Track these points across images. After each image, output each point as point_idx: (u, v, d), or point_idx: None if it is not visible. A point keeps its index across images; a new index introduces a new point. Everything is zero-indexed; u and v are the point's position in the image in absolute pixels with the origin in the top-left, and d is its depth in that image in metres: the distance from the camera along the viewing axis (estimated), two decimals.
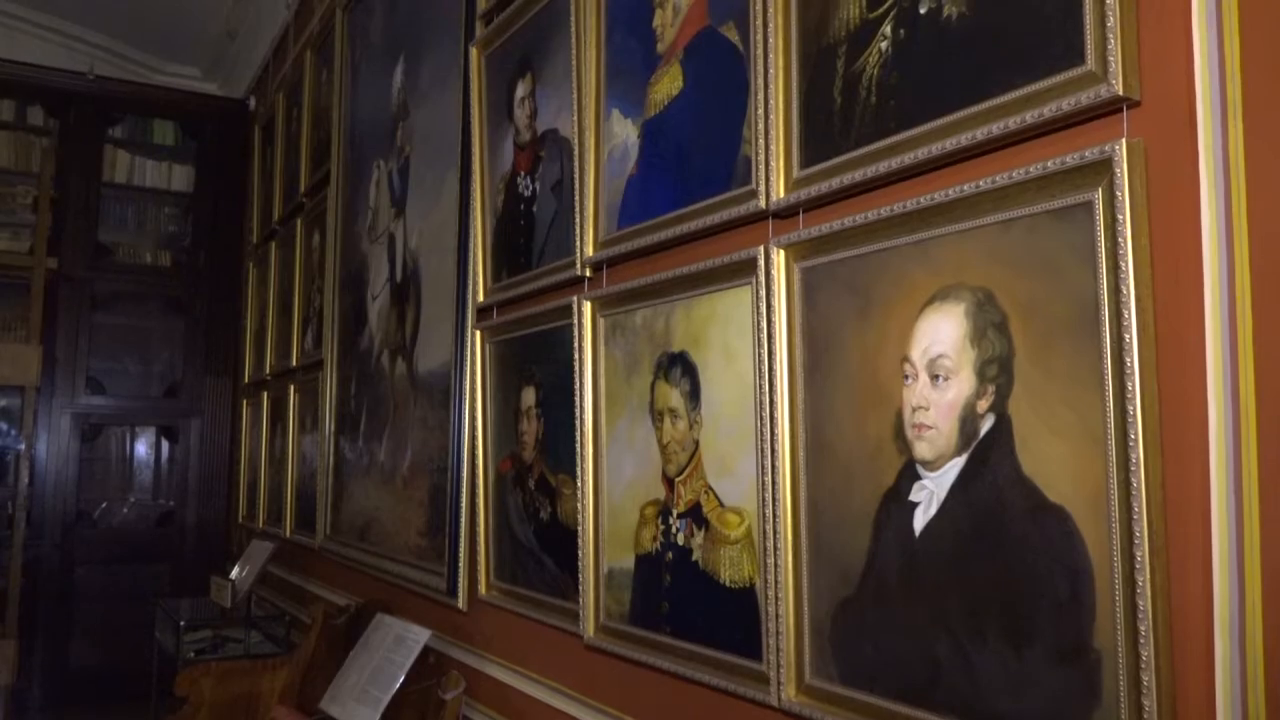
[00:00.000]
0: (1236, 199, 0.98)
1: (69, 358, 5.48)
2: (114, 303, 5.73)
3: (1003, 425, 1.16)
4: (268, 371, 4.86)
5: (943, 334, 1.25)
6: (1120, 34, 1.05)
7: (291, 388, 4.41)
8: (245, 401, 5.44)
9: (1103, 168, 1.06)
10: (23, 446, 4.99)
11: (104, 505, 5.78)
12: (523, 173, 2.40)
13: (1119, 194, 1.04)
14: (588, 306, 2.04)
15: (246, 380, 5.42)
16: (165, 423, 5.92)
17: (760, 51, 1.57)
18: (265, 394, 4.90)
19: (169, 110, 6.06)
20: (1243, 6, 0.99)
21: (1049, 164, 1.12)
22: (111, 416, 5.75)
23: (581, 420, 2.03)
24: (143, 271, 5.89)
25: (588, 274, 2.07)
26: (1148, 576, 1.00)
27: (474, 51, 2.66)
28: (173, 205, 6.10)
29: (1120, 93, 1.05)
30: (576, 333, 2.06)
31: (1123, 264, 1.04)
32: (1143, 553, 1.00)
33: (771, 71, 1.54)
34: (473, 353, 2.60)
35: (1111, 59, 1.05)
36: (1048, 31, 1.13)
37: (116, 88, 5.86)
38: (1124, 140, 1.05)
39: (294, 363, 4.40)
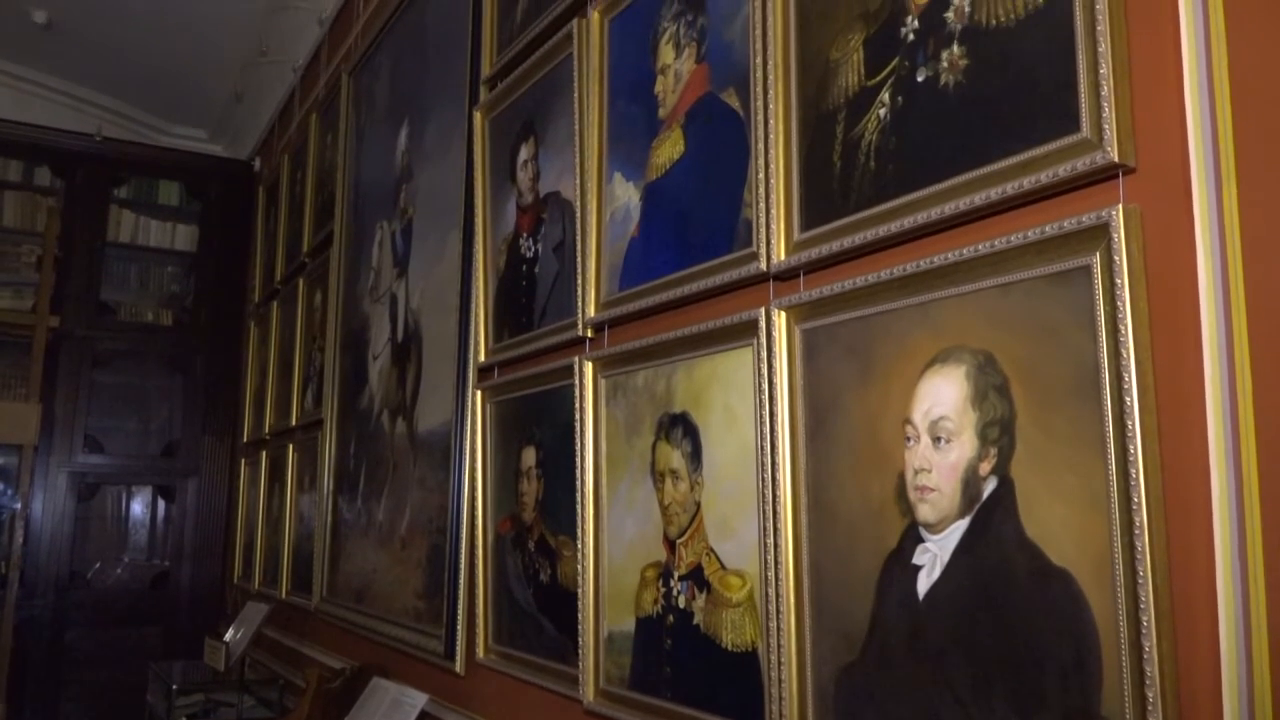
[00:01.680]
0: (1233, 263, 0.99)
1: (68, 416, 5.47)
2: (114, 361, 5.73)
3: (1005, 488, 1.16)
4: (267, 431, 4.85)
5: (944, 396, 1.25)
6: (1114, 102, 1.07)
7: (290, 447, 4.40)
8: (243, 461, 5.42)
9: (1100, 233, 1.08)
10: (19, 505, 4.96)
11: (98, 565, 5.72)
12: (525, 234, 2.42)
13: (1117, 258, 1.06)
14: (589, 367, 2.05)
15: (245, 439, 5.41)
16: (162, 482, 5.89)
17: (761, 117, 1.59)
18: (264, 453, 4.88)
19: (174, 171, 6.13)
20: (1234, 75, 1.01)
21: (1047, 229, 1.13)
22: (109, 475, 5.72)
23: (582, 481, 2.02)
24: (144, 330, 5.91)
25: (589, 335, 2.08)
26: (1154, 642, 0.99)
27: (478, 115, 2.70)
28: (175, 264, 6.14)
29: (1116, 159, 1.07)
30: (578, 393, 2.06)
31: (1122, 328, 1.05)
32: (1149, 617, 1.00)
33: (772, 136, 1.57)
34: (473, 412, 2.59)
35: (1107, 126, 1.07)
36: (1043, 100, 1.15)
37: (123, 149, 5.93)
38: (1120, 206, 1.06)
39: (293, 422, 4.39)
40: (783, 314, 1.53)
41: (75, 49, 5.69)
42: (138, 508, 5.99)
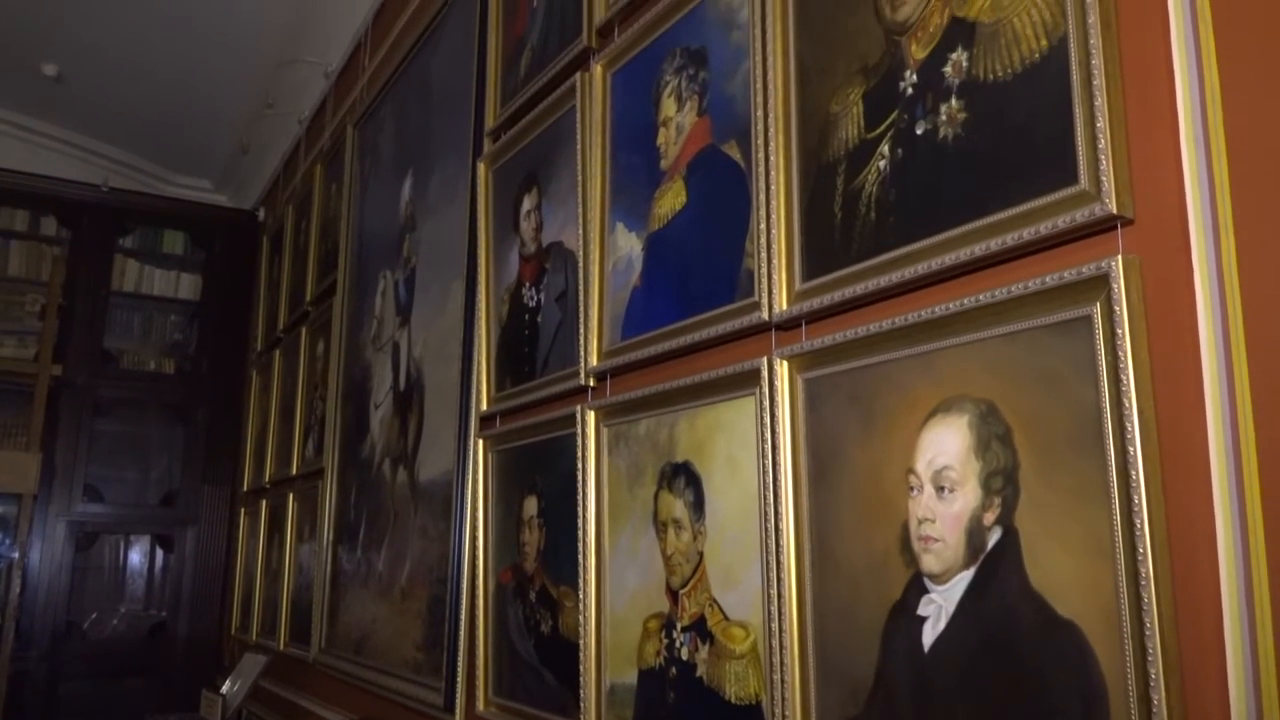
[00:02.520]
0: (1233, 313, 1.00)
1: (68, 465, 5.46)
2: (115, 409, 5.74)
3: (1010, 538, 1.16)
4: (267, 480, 4.84)
5: (947, 445, 1.25)
6: (1112, 155, 1.09)
7: (291, 496, 4.38)
8: (243, 510, 5.40)
9: (1100, 283, 1.08)
10: (16, 555, 4.93)
11: (94, 616, 5.67)
12: (528, 283, 2.43)
13: (1117, 309, 1.06)
14: (591, 416, 2.05)
15: (245, 489, 5.39)
16: (161, 531, 5.86)
17: (762, 169, 1.61)
18: (264, 502, 4.87)
19: (180, 221, 6.19)
20: (1229, 127, 1.02)
21: (1047, 279, 1.14)
22: (107, 524, 5.70)
23: (584, 530, 2.02)
24: (145, 378, 5.92)
25: (591, 383, 2.09)
26: (1162, 695, 0.98)
27: (481, 167, 2.73)
28: (178, 313, 6.17)
29: (1114, 211, 1.08)
30: (580, 442, 2.06)
31: (1124, 377, 1.05)
32: (1157, 670, 0.99)
33: (773, 188, 1.58)
34: (475, 461, 2.59)
35: (1104, 179, 1.08)
36: (1041, 152, 1.17)
37: (129, 199, 6.00)
38: (1120, 256, 1.07)
39: (294, 471, 4.38)
40: (785, 363, 1.54)
41: (84, 101, 5.77)
42: (135, 557, 5.95)
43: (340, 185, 4.18)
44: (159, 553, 5.91)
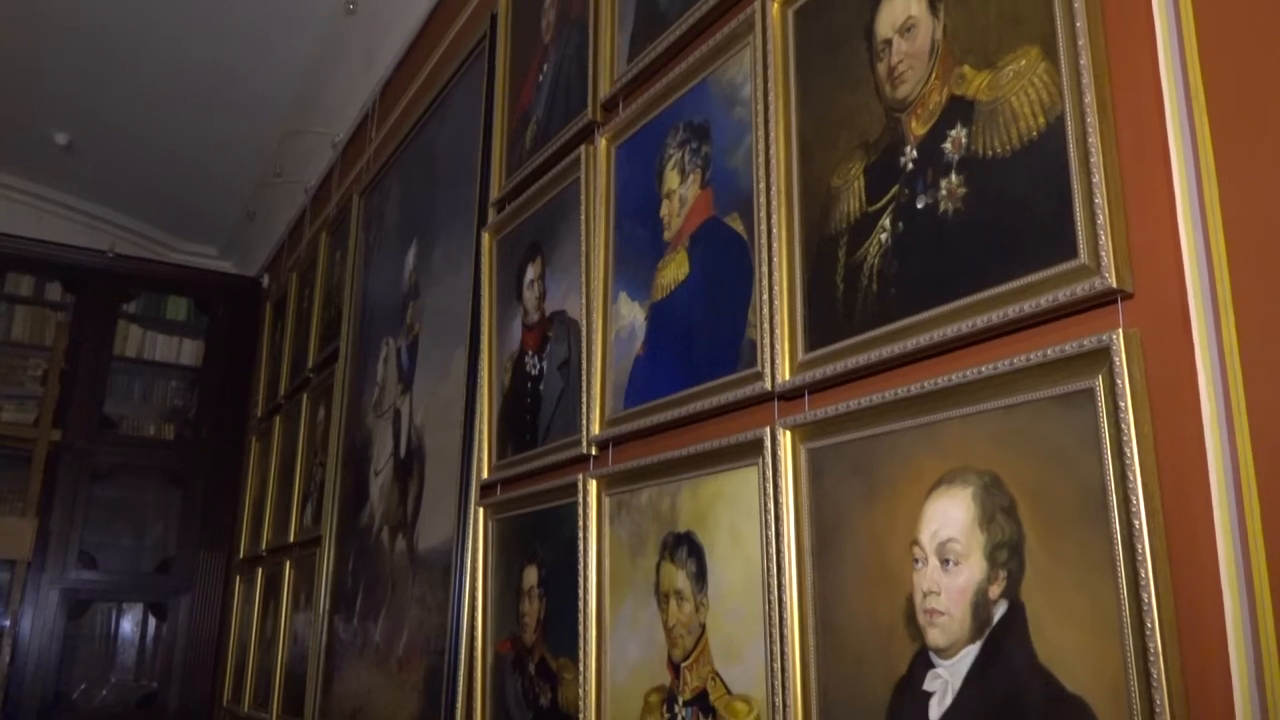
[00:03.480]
0: (1234, 386, 1.00)
1: (63, 531, 5.42)
2: (113, 475, 5.71)
3: (1016, 612, 1.15)
4: (264, 547, 4.80)
5: (951, 517, 1.25)
6: (1110, 230, 1.10)
7: (287, 564, 4.34)
8: (239, 578, 5.34)
9: (1101, 356, 1.09)
10: (7, 623, 4.87)
11: (84, 686, 5.56)
12: (530, 352, 2.45)
13: (1119, 381, 1.07)
14: (593, 484, 2.04)
15: (241, 556, 5.34)
16: (155, 599, 5.79)
17: (764, 241, 1.63)
18: (260, 570, 4.82)
19: (184, 287, 6.23)
20: (1225, 203, 1.04)
21: (1049, 351, 1.15)
22: (101, 592, 5.63)
23: (585, 601, 2.00)
24: (144, 444, 5.91)
25: (593, 452, 2.08)
26: None
27: (486, 236, 2.76)
28: (180, 379, 6.18)
29: (1114, 285, 1.09)
30: (581, 511, 2.05)
31: (1127, 450, 1.05)
32: None
33: (775, 259, 1.60)
34: (475, 530, 2.57)
35: (1104, 253, 1.10)
36: (1041, 227, 1.18)
37: (134, 265, 6.05)
38: (1120, 330, 1.08)
39: (291, 538, 4.35)
40: (788, 433, 1.54)
41: (93, 169, 5.86)
42: (127, 626, 5.87)
43: (345, 253, 4.22)
44: (151, 621, 5.83)
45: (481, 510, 2.56)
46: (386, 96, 4.20)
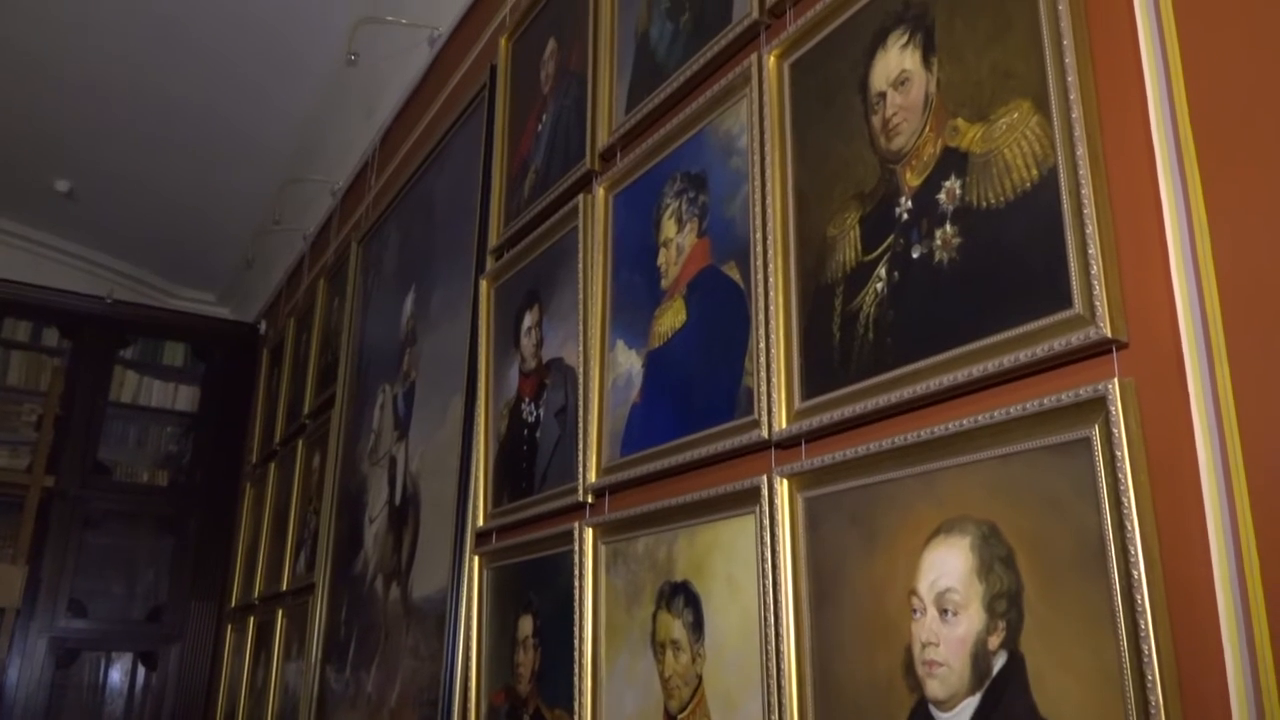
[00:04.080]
0: (1230, 435, 1.01)
1: (53, 578, 5.36)
2: (106, 522, 5.67)
3: (1016, 663, 1.14)
4: (256, 595, 4.75)
5: (950, 567, 1.24)
6: (1104, 280, 1.11)
7: (280, 612, 4.30)
8: (230, 627, 5.28)
9: (1097, 406, 1.10)
10: None
11: None
12: (527, 399, 2.44)
13: (1115, 431, 1.07)
14: (589, 533, 2.03)
15: (233, 604, 5.28)
16: (145, 648, 5.72)
17: (761, 290, 1.64)
18: (251, 619, 4.77)
19: (181, 333, 6.24)
20: (1217, 255, 1.05)
21: (1045, 401, 1.15)
22: (90, 640, 5.55)
23: (580, 652, 1.97)
24: (138, 491, 5.87)
25: (590, 500, 2.08)
26: None
27: (484, 283, 2.77)
28: (175, 425, 6.16)
29: (1109, 335, 1.10)
30: (577, 559, 2.04)
31: (1125, 500, 1.05)
32: None
33: (772, 308, 1.61)
34: (469, 579, 2.55)
35: (1098, 303, 1.11)
36: (1035, 277, 1.19)
37: (131, 311, 6.06)
38: (1116, 380, 1.08)
39: (284, 586, 4.31)
40: (785, 482, 1.53)
41: (93, 216, 5.90)
42: (116, 675, 5.78)
43: (343, 299, 4.24)
44: (141, 670, 5.76)
45: (477, 558, 2.54)
46: (386, 145, 4.24)
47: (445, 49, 3.69)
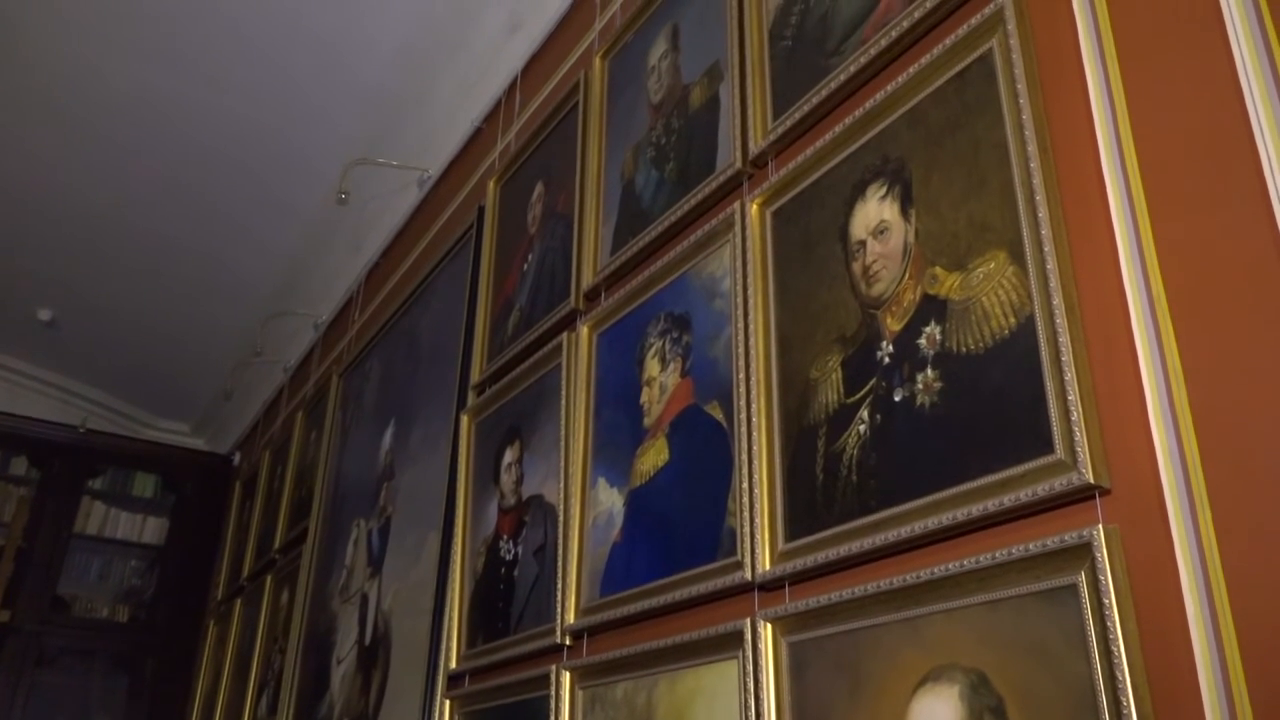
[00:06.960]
0: (1215, 581, 1.00)
1: None
2: (60, 659, 5.46)
3: None
4: None
5: (939, 717, 1.21)
6: (1085, 426, 1.13)
7: None
8: None
9: (1083, 552, 1.09)
10: None
11: None
12: (505, 536, 2.41)
13: (1102, 578, 1.07)
14: (566, 677, 1.97)
15: None
16: None
17: (744, 430, 1.65)
18: None
19: (152, 463, 6.15)
20: (1193, 401, 1.07)
21: (1030, 546, 1.15)
22: None
23: None
24: (97, 627, 5.68)
25: (568, 642, 2.02)
26: None
27: (465, 418, 2.77)
28: (139, 558, 6.01)
29: (1091, 481, 1.10)
30: (554, 704, 1.97)
31: (1115, 649, 1.04)
32: None
33: (755, 449, 1.61)
34: None
35: (1079, 449, 1.12)
36: (1017, 422, 1.21)
37: (103, 441, 5.99)
38: (1100, 526, 1.09)
39: None
40: (768, 625, 1.51)
41: (73, 345, 5.89)
42: None
43: (320, 432, 4.21)
44: None
45: (449, 703, 2.45)
46: (372, 280, 4.30)
47: (434, 190, 3.79)
